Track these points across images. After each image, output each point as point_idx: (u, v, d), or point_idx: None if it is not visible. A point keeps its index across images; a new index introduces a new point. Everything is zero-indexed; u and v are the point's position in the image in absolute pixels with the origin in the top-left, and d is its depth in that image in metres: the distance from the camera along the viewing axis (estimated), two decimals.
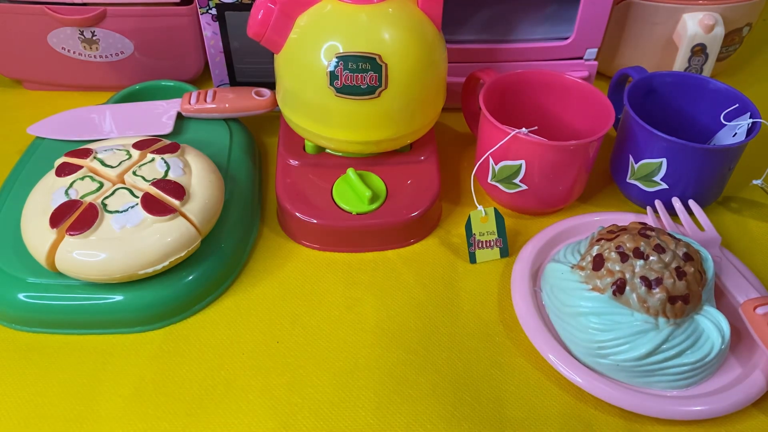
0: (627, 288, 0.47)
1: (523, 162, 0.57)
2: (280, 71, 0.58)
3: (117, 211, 0.50)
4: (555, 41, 0.68)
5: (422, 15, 0.56)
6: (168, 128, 0.64)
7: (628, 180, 0.61)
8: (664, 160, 0.58)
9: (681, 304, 0.46)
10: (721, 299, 0.53)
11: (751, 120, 0.59)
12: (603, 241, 0.50)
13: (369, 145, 0.58)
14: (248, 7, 0.64)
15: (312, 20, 0.54)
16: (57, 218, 0.49)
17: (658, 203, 0.60)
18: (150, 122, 0.65)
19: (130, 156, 0.55)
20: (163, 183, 0.52)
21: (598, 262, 0.49)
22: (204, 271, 0.53)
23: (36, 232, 0.50)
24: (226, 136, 0.64)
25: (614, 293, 0.47)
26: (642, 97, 0.62)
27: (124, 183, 0.53)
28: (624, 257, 0.48)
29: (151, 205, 0.51)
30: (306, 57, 0.54)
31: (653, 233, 0.49)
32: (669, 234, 0.50)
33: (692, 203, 0.59)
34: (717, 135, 0.63)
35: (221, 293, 0.55)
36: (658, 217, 0.59)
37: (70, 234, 0.49)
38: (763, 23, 0.91)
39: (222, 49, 0.69)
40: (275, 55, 0.57)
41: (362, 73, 0.53)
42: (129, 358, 0.50)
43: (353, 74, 0.53)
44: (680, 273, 0.47)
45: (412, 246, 0.59)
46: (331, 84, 0.54)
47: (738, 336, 0.51)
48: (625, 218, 0.58)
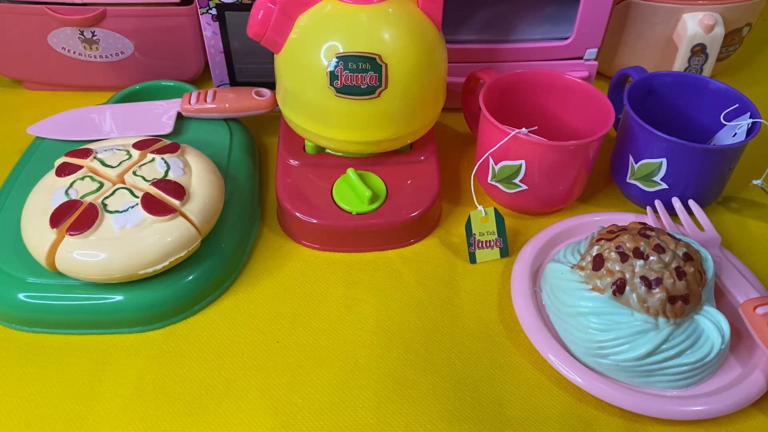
0: (627, 288, 0.47)
1: (523, 162, 0.57)
2: (280, 71, 0.58)
3: (117, 211, 0.50)
4: (555, 41, 0.68)
5: (422, 15, 0.56)
6: (168, 128, 0.64)
7: (628, 180, 0.61)
8: (664, 160, 0.58)
9: (681, 304, 0.46)
10: (721, 299, 0.53)
11: (751, 120, 0.59)
12: (603, 241, 0.50)
13: (369, 145, 0.58)
14: (248, 7, 0.64)
15: (312, 20, 0.54)
16: (57, 218, 0.49)
17: (658, 203, 0.60)
18: (150, 122, 0.65)
19: (130, 156, 0.55)
20: (163, 183, 0.52)
21: (598, 262, 0.49)
22: (204, 271, 0.53)
23: (36, 232, 0.50)
24: (226, 136, 0.64)
25: (614, 293, 0.47)
26: (642, 97, 0.62)
27: (124, 183, 0.53)
28: (624, 257, 0.48)
29: (151, 205, 0.51)
30: (306, 57, 0.54)
31: (653, 233, 0.49)
32: (669, 234, 0.50)
33: (692, 203, 0.59)
34: (717, 135, 0.63)
35: (221, 293, 0.55)
36: (658, 217, 0.59)
37: (70, 234, 0.49)
38: (763, 23, 0.91)
39: (222, 49, 0.69)
40: (275, 55, 0.57)
41: (362, 73, 0.53)
42: (129, 358, 0.50)
43: (353, 74, 0.53)
44: (680, 273, 0.47)
45: (412, 246, 0.59)
46: (331, 84, 0.54)
47: (738, 336, 0.51)
48: (625, 218, 0.58)
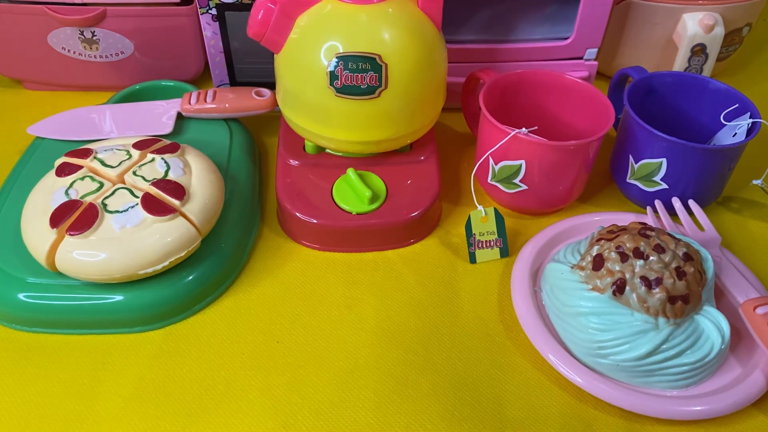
0: (627, 288, 0.47)
1: (523, 162, 0.57)
2: (280, 71, 0.58)
3: (117, 211, 0.50)
4: (555, 41, 0.68)
5: (422, 15, 0.56)
6: (168, 128, 0.64)
7: (628, 180, 0.61)
8: (664, 160, 0.58)
9: (681, 304, 0.46)
10: (721, 299, 0.53)
11: (751, 120, 0.59)
12: (603, 241, 0.50)
13: (369, 145, 0.58)
14: (248, 7, 0.64)
15: (312, 20, 0.54)
16: (57, 218, 0.49)
17: (658, 203, 0.60)
18: (150, 122, 0.65)
19: (130, 156, 0.55)
20: (163, 183, 0.52)
21: (598, 262, 0.49)
22: (204, 271, 0.53)
23: (36, 232, 0.50)
24: (226, 136, 0.64)
25: (614, 293, 0.47)
26: (642, 97, 0.62)
27: (124, 183, 0.53)
28: (624, 257, 0.48)
29: (151, 205, 0.51)
30: (306, 57, 0.54)
31: (653, 233, 0.49)
32: (669, 234, 0.50)
33: (692, 203, 0.59)
34: (717, 135, 0.62)
35: (221, 293, 0.55)
36: (658, 217, 0.59)
37: (70, 234, 0.49)
38: (763, 23, 0.91)
39: (222, 49, 0.69)
40: (275, 55, 0.57)
41: (362, 73, 0.53)
42: (129, 358, 0.50)
43: (353, 74, 0.53)
44: (680, 273, 0.47)
45: (412, 246, 0.59)
46: (331, 84, 0.54)
47: (738, 336, 0.51)
48: (625, 218, 0.58)
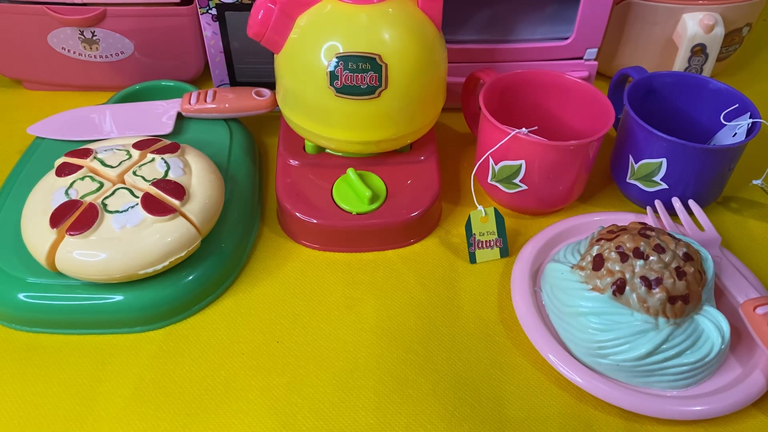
0: (627, 288, 0.47)
1: (523, 162, 0.57)
2: (280, 71, 0.58)
3: (117, 211, 0.50)
4: (555, 41, 0.68)
5: (422, 15, 0.56)
6: (168, 128, 0.64)
7: (628, 180, 0.61)
8: (664, 160, 0.58)
9: (681, 304, 0.46)
10: (721, 299, 0.53)
11: (751, 120, 0.59)
12: (603, 241, 0.50)
13: (369, 145, 0.58)
14: (248, 7, 0.64)
15: (312, 20, 0.54)
16: (57, 218, 0.49)
17: (658, 203, 0.60)
18: (150, 122, 0.65)
19: (130, 156, 0.55)
20: (163, 183, 0.52)
21: (598, 262, 0.49)
22: (204, 271, 0.53)
23: (36, 232, 0.50)
24: (226, 136, 0.64)
25: (614, 293, 0.47)
26: (642, 97, 0.62)
27: (124, 183, 0.53)
28: (624, 257, 0.48)
29: (151, 205, 0.51)
30: (306, 57, 0.54)
31: (653, 233, 0.49)
32: (669, 234, 0.50)
33: (692, 203, 0.59)
34: (717, 135, 0.62)
35: (221, 293, 0.55)
36: (658, 217, 0.59)
37: (70, 234, 0.49)
38: (763, 23, 0.91)
39: (222, 49, 0.69)
40: (275, 55, 0.57)
41: (362, 73, 0.53)
42: (129, 358, 0.50)
43: (353, 74, 0.53)
44: (680, 273, 0.47)
45: (412, 246, 0.59)
46: (331, 84, 0.54)
47: (738, 336, 0.51)
48: (625, 218, 0.58)
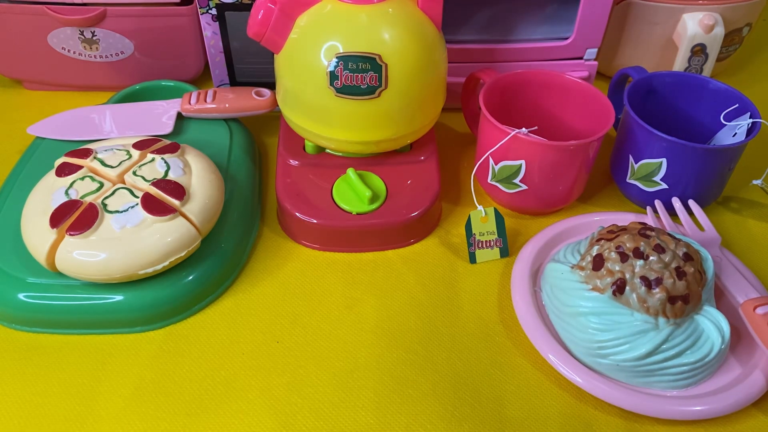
0: (627, 288, 0.47)
1: (523, 162, 0.57)
2: (280, 71, 0.58)
3: (117, 211, 0.50)
4: (555, 41, 0.68)
5: (422, 15, 0.56)
6: (168, 128, 0.64)
7: (628, 180, 0.61)
8: (664, 160, 0.58)
9: (681, 304, 0.46)
10: (721, 299, 0.53)
11: (751, 120, 0.59)
12: (603, 241, 0.50)
13: (369, 145, 0.58)
14: (248, 7, 0.64)
15: (312, 20, 0.54)
16: (57, 218, 0.49)
17: (658, 203, 0.60)
18: (150, 122, 0.65)
19: (130, 156, 0.55)
20: (163, 183, 0.52)
21: (598, 262, 0.49)
22: (204, 271, 0.53)
23: (36, 232, 0.50)
24: (226, 136, 0.64)
25: (614, 293, 0.47)
26: (642, 97, 0.62)
27: (124, 183, 0.53)
28: (624, 257, 0.48)
29: (151, 205, 0.51)
30: (306, 57, 0.54)
31: (653, 233, 0.49)
32: (669, 234, 0.50)
33: (692, 203, 0.59)
34: (717, 135, 0.62)
35: (221, 293, 0.55)
36: (658, 217, 0.59)
37: (70, 234, 0.49)
38: (763, 23, 0.91)
39: (222, 49, 0.69)
40: (275, 55, 0.57)
41: (362, 73, 0.53)
42: (129, 358, 0.50)
43: (353, 74, 0.53)
44: (680, 273, 0.47)
45: (412, 246, 0.59)
46: (331, 84, 0.54)
47: (738, 336, 0.51)
48: (625, 218, 0.58)
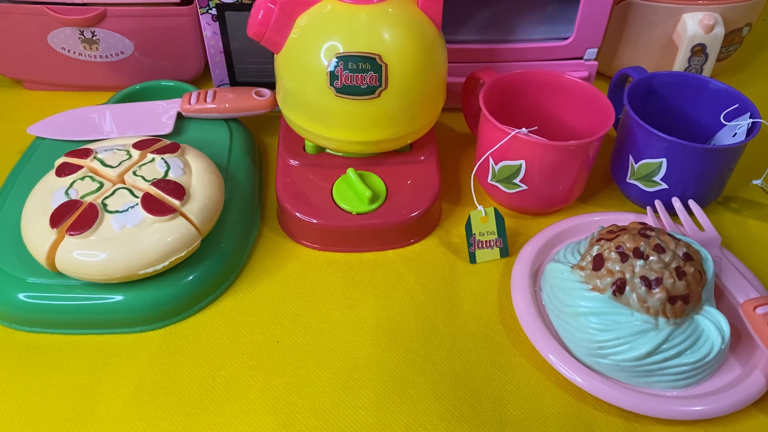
0: (627, 288, 0.47)
1: (523, 162, 0.57)
2: (280, 71, 0.58)
3: (117, 211, 0.50)
4: (555, 41, 0.68)
5: (422, 15, 0.56)
6: (168, 128, 0.64)
7: (628, 180, 0.61)
8: (664, 160, 0.58)
9: (681, 304, 0.46)
10: (721, 299, 0.53)
11: (751, 120, 0.59)
12: (603, 241, 0.50)
13: (369, 145, 0.58)
14: (248, 7, 0.64)
15: (312, 20, 0.54)
16: (57, 218, 0.49)
17: (658, 203, 0.60)
18: (150, 122, 0.65)
19: (130, 156, 0.55)
20: (163, 183, 0.52)
21: (598, 262, 0.49)
22: (204, 271, 0.53)
23: (36, 232, 0.50)
24: (226, 136, 0.64)
25: (614, 293, 0.47)
26: (642, 97, 0.62)
27: (124, 183, 0.53)
28: (624, 257, 0.48)
29: (151, 205, 0.51)
30: (306, 57, 0.54)
31: (653, 233, 0.49)
32: (669, 234, 0.50)
33: (692, 203, 0.59)
34: (717, 135, 0.62)
35: (221, 293, 0.55)
36: (658, 217, 0.59)
37: (70, 234, 0.49)
38: (763, 23, 0.91)
39: (222, 49, 0.69)
40: (275, 55, 0.57)
41: (362, 73, 0.53)
42: (129, 358, 0.50)
43: (353, 74, 0.53)
44: (680, 273, 0.47)
45: (412, 246, 0.59)
46: (331, 84, 0.54)
47: (738, 336, 0.51)
48: (625, 218, 0.58)
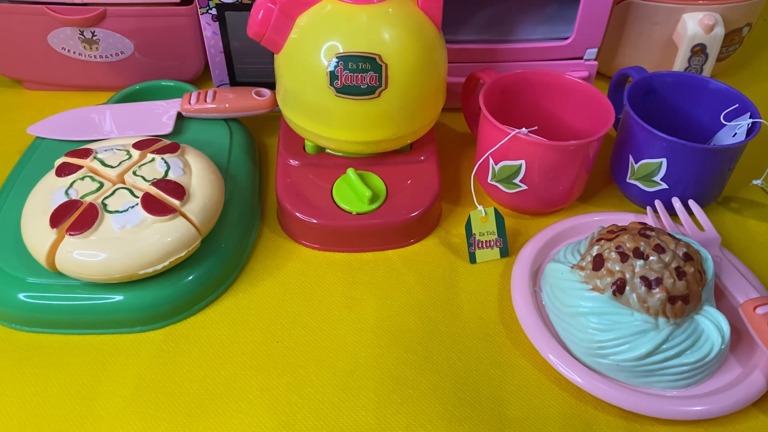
0: (627, 288, 0.47)
1: (523, 162, 0.57)
2: (280, 71, 0.58)
3: (117, 211, 0.50)
4: (555, 41, 0.68)
5: (422, 15, 0.56)
6: (168, 128, 0.64)
7: (628, 180, 0.61)
8: (664, 160, 0.58)
9: (681, 304, 0.46)
10: (721, 299, 0.53)
11: (751, 120, 0.59)
12: (603, 241, 0.50)
13: (369, 145, 0.58)
14: (248, 7, 0.64)
15: (312, 20, 0.54)
16: (57, 218, 0.49)
17: (658, 203, 0.60)
18: (150, 122, 0.65)
19: (130, 156, 0.55)
20: (163, 183, 0.52)
21: (598, 262, 0.49)
22: (204, 271, 0.53)
23: (36, 232, 0.50)
24: (226, 136, 0.64)
25: (614, 293, 0.47)
26: (642, 97, 0.62)
27: (124, 183, 0.53)
28: (624, 257, 0.48)
29: (151, 205, 0.51)
30: (306, 57, 0.54)
31: (653, 233, 0.49)
32: (669, 234, 0.50)
33: (692, 203, 0.59)
34: (717, 135, 0.63)
35: (221, 293, 0.55)
36: (658, 217, 0.59)
37: (70, 234, 0.49)
38: (763, 23, 0.91)
39: (222, 49, 0.69)
40: (275, 55, 0.57)
41: (362, 73, 0.53)
42: (129, 358, 0.50)
43: (353, 74, 0.53)
44: (680, 273, 0.47)
45: (412, 246, 0.59)
46: (331, 84, 0.54)
47: (738, 336, 0.51)
48: (625, 218, 0.58)
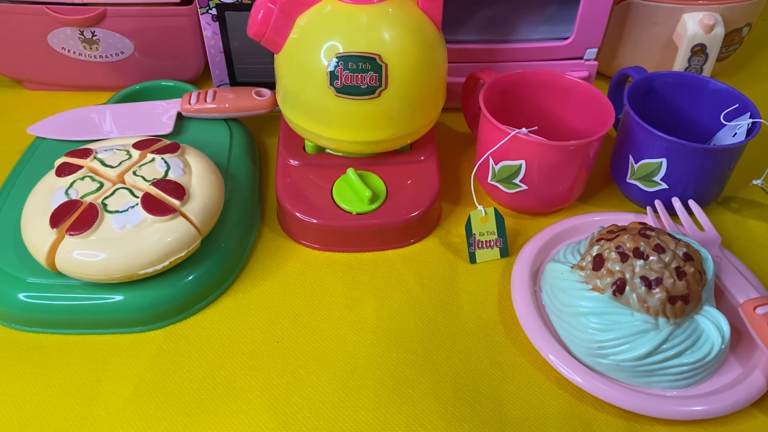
0: (627, 288, 0.47)
1: (523, 162, 0.57)
2: (280, 71, 0.58)
3: (117, 211, 0.50)
4: (555, 41, 0.68)
5: (422, 15, 0.56)
6: (168, 128, 0.64)
7: (628, 180, 0.61)
8: (664, 160, 0.58)
9: (681, 304, 0.46)
10: (721, 299, 0.53)
11: (751, 120, 0.59)
12: (603, 241, 0.50)
13: (369, 145, 0.58)
14: (248, 7, 0.64)
15: (312, 20, 0.54)
16: (57, 218, 0.49)
17: (658, 203, 0.60)
18: (150, 122, 0.65)
19: (130, 156, 0.55)
20: (163, 183, 0.52)
21: (598, 262, 0.49)
22: (204, 271, 0.53)
23: (36, 232, 0.50)
24: (226, 136, 0.64)
25: (614, 293, 0.47)
26: (642, 97, 0.62)
27: (124, 183, 0.53)
28: (624, 257, 0.48)
29: (151, 205, 0.51)
30: (306, 57, 0.54)
31: (653, 233, 0.49)
32: (669, 234, 0.50)
33: (692, 203, 0.59)
34: (717, 135, 0.63)
35: (221, 293, 0.55)
36: (658, 217, 0.59)
37: (70, 234, 0.49)
38: (763, 23, 0.91)
39: (222, 49, 0.69)
40: (275, 55, 0.57)
41: (362, 73, 0.53)
42: (129, 358, 0.50)
43: (353, 74, 0.53)
44: (680, 273, 0.47)
45: (412, 246, 0.59)
46: (331, 84, 0.54)
47: (738, 336, 0.51)
48: (625, 218, 0.58)
